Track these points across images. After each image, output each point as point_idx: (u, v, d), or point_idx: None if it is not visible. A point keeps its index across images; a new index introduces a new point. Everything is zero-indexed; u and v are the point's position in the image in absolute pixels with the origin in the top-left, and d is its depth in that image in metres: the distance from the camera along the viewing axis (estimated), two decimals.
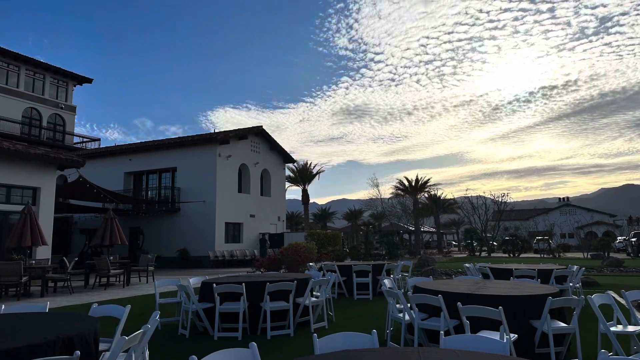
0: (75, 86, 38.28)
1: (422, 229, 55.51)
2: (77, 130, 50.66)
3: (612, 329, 5.27)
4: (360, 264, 12.77)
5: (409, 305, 5.90)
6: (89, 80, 38.90)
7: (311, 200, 47.26)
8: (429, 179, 51.34)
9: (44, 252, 16.80)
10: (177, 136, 33.39)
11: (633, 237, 36.89)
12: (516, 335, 4.99)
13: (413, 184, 50.80)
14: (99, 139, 38.75)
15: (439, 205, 53.42)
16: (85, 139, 38.50)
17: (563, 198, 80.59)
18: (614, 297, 5.97)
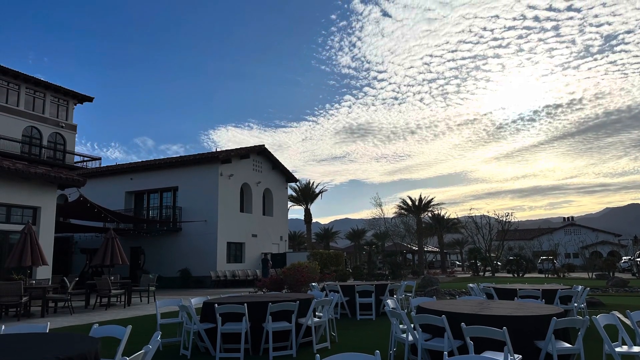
0: (75, 105, 38.41)
1: (425, 249, 55.22)
2: (78, 149, 50.45)
3: (617, 349, 5.20)
4: (363, 284, 12.69)
5: (412, 325, 5.84)
6: (90, 99, 39.07)
7: (314, 220, 47.20)
8: (432, 199, 51.36)
9: (44, 272, 16.74)
10: (178, 155, 33.62)
11: (638, 257, 36.63)
12: (520, 356, 4.93)
13: (416, 203, 50.76)
14: (99, 158, 38.77)
15: (442, 224, 53.24)
16: (85, 158, 38.50)
17: (567, 217, 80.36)
18: (619, 318, 5.91)
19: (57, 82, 37.09)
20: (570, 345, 5.48)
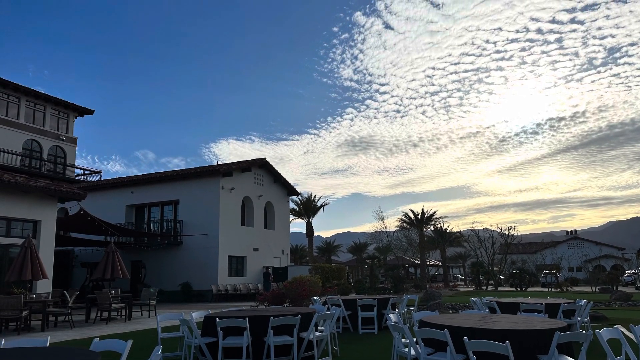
0: (76, 117, 38.46)
1: (428, 263, 54.97)
2: (78, 162, 50.37)
3: None
4: (365, 297, 12.62)
5: (414, 339, 5.80)
6: (90, 112, 39.12)
7: (315, 234, 47.09)
8: (435, 212, 51.27)
9: (44, 286, 16.68)
10: (179, 168, 33.59)
11: None
12: None
13: (419, 216, 50.68)
14: (100, 171, 38.79)
15: (445, 238, 53.05)
16: (86, 171, 38.50)
17: (571, 231, 79.97)
18: (622, 332, 5.86)
19: (57, 95, 37.29)
20: None
